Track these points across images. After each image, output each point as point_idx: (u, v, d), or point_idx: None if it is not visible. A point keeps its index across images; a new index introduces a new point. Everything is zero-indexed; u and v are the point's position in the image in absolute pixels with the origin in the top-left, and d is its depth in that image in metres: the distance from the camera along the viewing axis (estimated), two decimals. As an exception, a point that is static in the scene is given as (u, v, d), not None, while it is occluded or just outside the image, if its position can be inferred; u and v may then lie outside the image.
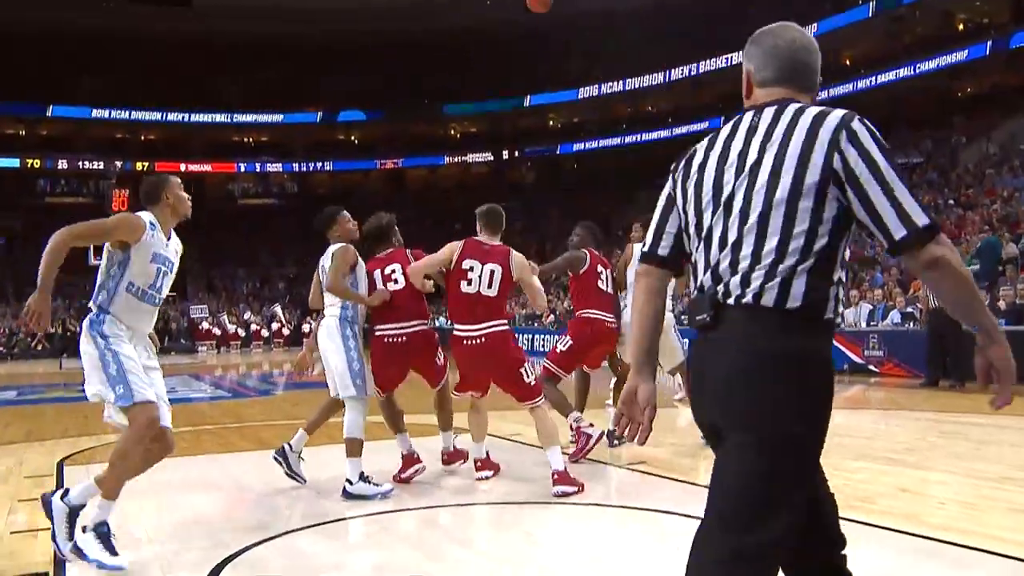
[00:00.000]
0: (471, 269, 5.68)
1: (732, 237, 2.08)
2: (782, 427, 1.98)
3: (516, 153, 48.30)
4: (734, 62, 38.29)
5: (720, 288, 2.08)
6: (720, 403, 2.08)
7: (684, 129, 41.77)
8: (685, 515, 4.88)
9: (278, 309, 38.75)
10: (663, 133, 42.85)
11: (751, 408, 2.01)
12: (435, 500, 5.59)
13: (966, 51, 30.89)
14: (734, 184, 2.11)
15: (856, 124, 2.03)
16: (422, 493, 5.75)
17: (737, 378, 2.02)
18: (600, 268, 7.21)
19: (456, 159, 49.61)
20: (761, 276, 2.02)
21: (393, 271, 5.97)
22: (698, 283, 2.17)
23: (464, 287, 5.67)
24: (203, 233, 36.18)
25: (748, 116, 2.18)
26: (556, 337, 7.40)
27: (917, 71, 32.28)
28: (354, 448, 5.64)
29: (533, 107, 47.00)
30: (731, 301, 2.05)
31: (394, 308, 5.91)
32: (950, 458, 6.61)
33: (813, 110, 2.08)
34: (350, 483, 5.59)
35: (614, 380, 7.79)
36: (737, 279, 2.05)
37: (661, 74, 41.75)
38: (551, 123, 48.85)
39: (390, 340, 5.91)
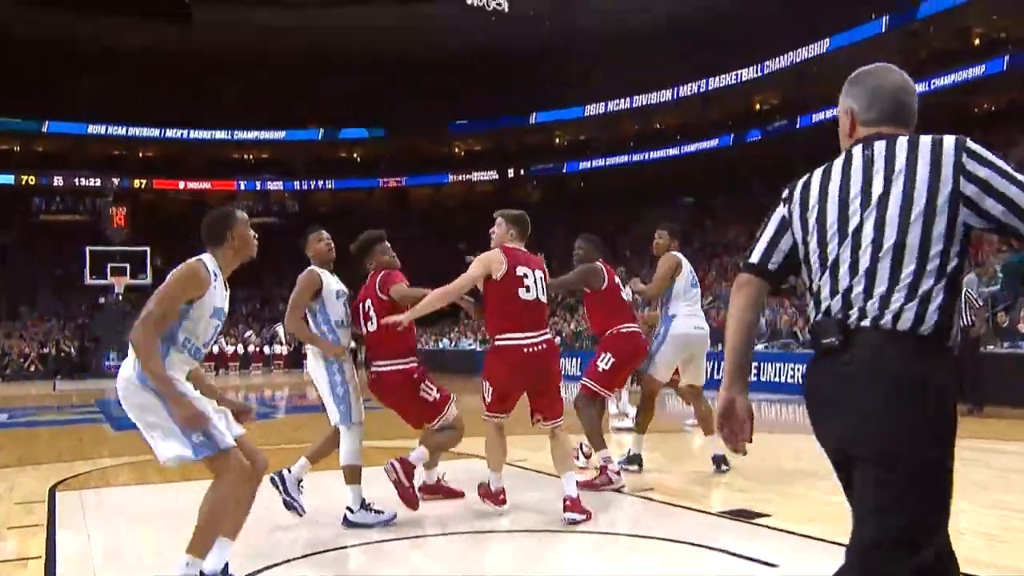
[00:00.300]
0: (525, 276, 5.61)
1: (865, 264, 2.21)
2: (922, 452, 2.10)
3: (522, 171, 48.38)
4: (744, 78, 38.39)
5: (853, 312, 2.20)
6: (855, 427, 2.16)
7: (693, 147, 41.87)
8: (694, 544, 4.84)
9: (279, 329, 38.73)
10: (671, 151, 42.94)
11: (890, 432, 2.10)
12: (439, 528, 5.54)
13: (983, 66, 30.92)
14: (862, 215, 2.25)
15: (971, 144, 2.22)
16: (425, 521, 5.71)
17: (875, 402, 2.12)
18: (616, 279, 7.15)
19: (461, 177, 49.73)
20: (900, 299, 2.16)
21: (368, 310, 5.83)
22: (823, 308, 2.28)
23: (523, 294, 5.57)
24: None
25: (858, 150, 2.34)
26: (591, 357, 7.24)
27: (932, 87, 32.27)
28: (353, 475, 5.60)
29: (539, 125, 47.13)
30: (866, 323, 2.17)
31: (369, 348, 5.86)
32: (971, 486, 6.54)
33: (925, 140, 2.26)
34: (351, 511, 5.55)
35: (636, 401, 7.67)
36: (874, 303, 2.18)
37: (669, 91, 41.83)
38: (557, 141, 48.97)
39: (369, 377, 5.87)
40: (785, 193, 2.47)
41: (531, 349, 5.53)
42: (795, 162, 35.73)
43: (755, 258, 2.48)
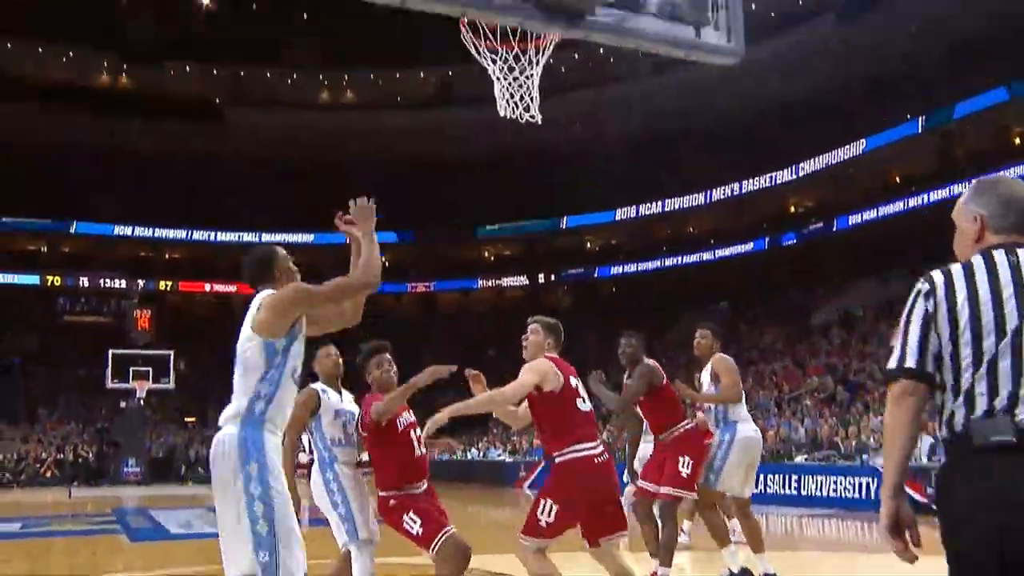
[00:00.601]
0: (578, 386, 5.55)
1: None
2: None
3: (552, 276, 48.55)
4: (779, 181, 38.54)
5: (1021, 411, 2.29)
6: None
7: (727, 251, 41.84)
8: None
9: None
10: (705, 255, 42.97)
11: None
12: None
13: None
14: (1019, 316, 2.36)
15: None
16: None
17: None
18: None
19: (490, 283, 50.01)
20: None
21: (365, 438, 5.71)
22: (979, 406, 2.36)
23: (581, 405, 5.48)
24: (228, 356, 36.44)
25: (1000, 255, 2.47)
26: (664, 463, 7.08)
27: (972, 188, 32.28)
28: (370, 600, 5.39)
29: (569, 229, 47.51)
30: None
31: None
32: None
33: None
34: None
35: (687, 512, 7.43)
36: None
37: (702, 194, 41.97)
38: (588, 245, 49.32)
39: None
40: (925, 287, 2.51)
41: (600, 459, 5.35)
42: (831, 266, 35.87)
43: (911, 363, 2.47)
